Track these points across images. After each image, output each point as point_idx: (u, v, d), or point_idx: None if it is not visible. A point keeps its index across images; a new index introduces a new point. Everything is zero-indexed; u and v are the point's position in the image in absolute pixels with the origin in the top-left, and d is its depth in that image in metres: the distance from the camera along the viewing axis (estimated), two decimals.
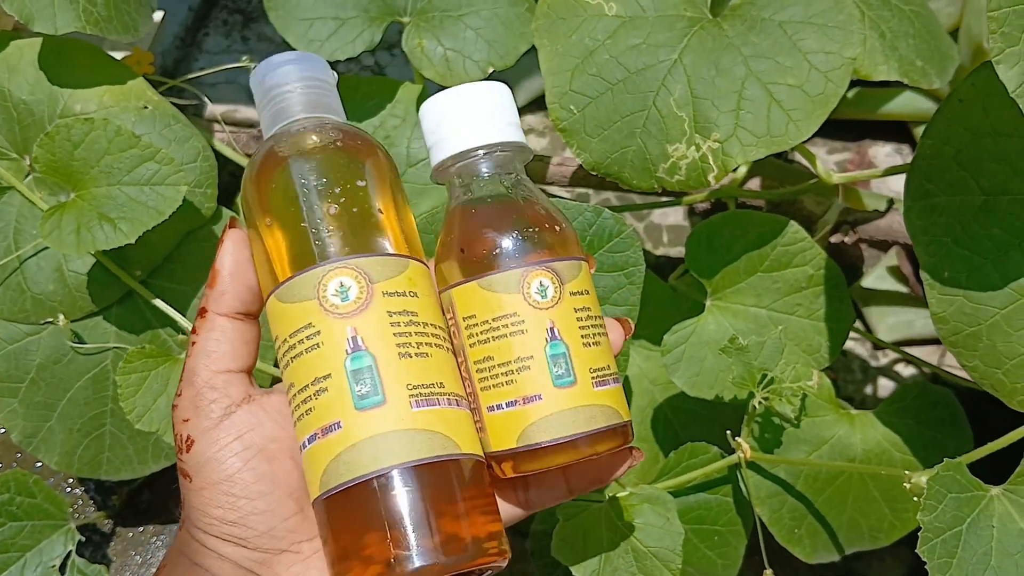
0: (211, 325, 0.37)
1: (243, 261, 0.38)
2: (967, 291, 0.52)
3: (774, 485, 0.64)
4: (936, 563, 0.44)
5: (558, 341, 0.36)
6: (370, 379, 0.34)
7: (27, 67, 0.65)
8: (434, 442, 0.34)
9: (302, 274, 0.35)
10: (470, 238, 0.37)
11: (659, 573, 0.56)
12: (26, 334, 0.67)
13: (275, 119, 0.38)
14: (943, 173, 0.53)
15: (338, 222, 0.36)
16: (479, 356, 0.36)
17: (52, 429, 0.68)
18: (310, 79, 0.38)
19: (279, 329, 0.36)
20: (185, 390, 0.37)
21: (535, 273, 0.36)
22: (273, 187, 0.36)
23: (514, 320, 0.36)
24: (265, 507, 0.36)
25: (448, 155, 0.38)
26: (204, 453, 0.36)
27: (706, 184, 0.56)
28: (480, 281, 0.36)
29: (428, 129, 0.39)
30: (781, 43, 0.56)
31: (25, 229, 0.65)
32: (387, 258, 0.36)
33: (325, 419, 0.34)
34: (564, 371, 0.36)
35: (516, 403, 0.36)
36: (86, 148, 0.59)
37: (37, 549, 0.68)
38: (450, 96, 0.38)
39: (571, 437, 0.36)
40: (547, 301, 0.36)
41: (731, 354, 0.58)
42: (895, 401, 0.67)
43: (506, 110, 0.39)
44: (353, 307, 0.35)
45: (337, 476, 0.34)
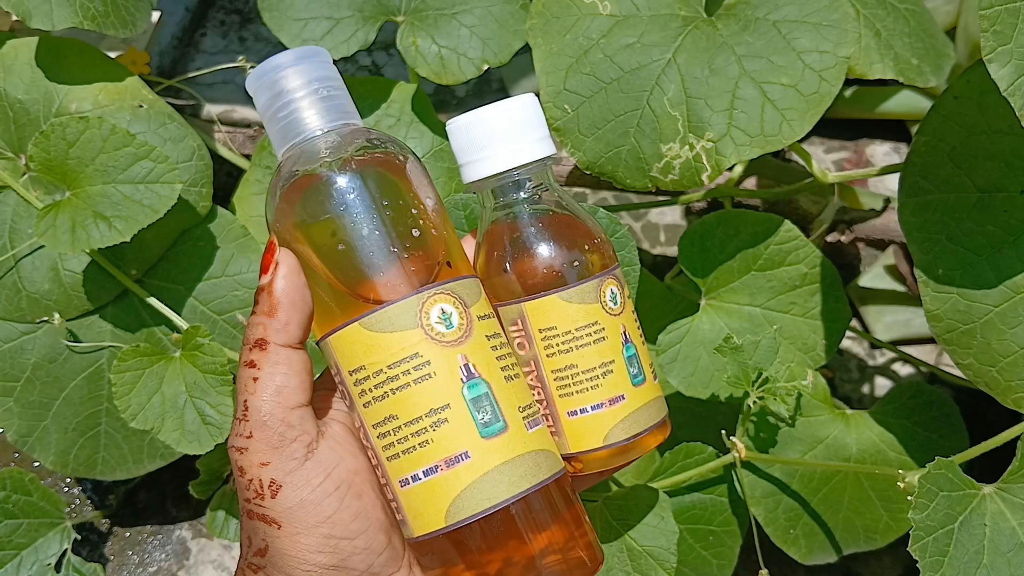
0: (276, 358, 0.35)
1: (302, 287, 0.35)
2: (961, 288, 0.52)
3: (769, 485, 0.64)
4: (928, 561, 0.44)
5: (630, 344, 0.39)
6: (489, 406, 0.34)
7: (23, 66, 0.65)
8: (551, 460, 0.35)
9: (398, 302, 0.34)
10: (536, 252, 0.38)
11: (654, 572, 0.56)
12: (21, 333, 0.67)
13: (293, 131, 0.35)
14: (937, 170, 0.53)
15: (421, 244, 0.35)
16: (560, 365, 0.38)
17: (47, 428, 0.68)
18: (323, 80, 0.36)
19: (368, 359, 0.34)
20: (257, 431, 0.35)
21: (608, 282, 0.38)
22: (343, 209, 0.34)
23: (596, 329, 0.38)
24: (364, 545, 0.35)
25: (484, 176, 0.38)
26: (295, 496, 0.34)
27: (700, 183, 0.56)
28: (561, 294, 0.37)
29: (459, 148, 0.39)
30: (775, 42, 0.56)
31: (21, 228, 0.65)
32: (470, 280, 0.36)
33: (449, 451, 0.34)
34: (637, 370, 0.39)
35: (602, 406, 0.38)
36: (81, 147, 0.60)
37: (33, 547, 0.68)
38: (479, 115, 0.38)
39: (647, 430, 0.39)
40: (618, 307, 0.39)
41: (726, 353, 0.58)
42: (890, 401, 0.67)
43: (539, 124, 0.39)
44: (459, 334, 0.34)
45: (473, 506, 0.34)
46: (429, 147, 0.69)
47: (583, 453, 0.38)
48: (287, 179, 0.35)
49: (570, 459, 0.39)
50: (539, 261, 0.38)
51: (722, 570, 0.66)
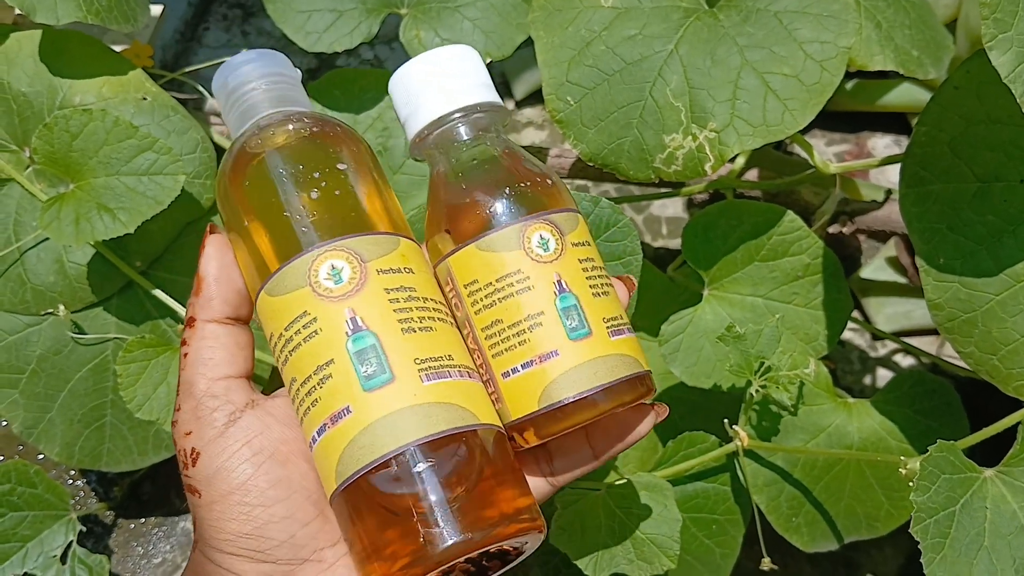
0: (202, 333, 0.36)
1: (228, 265, 0.36)
2: (962, 277, 0.52)
3: (771, 473, 0.64)
4: (929, 543, 0.45)
5: (567, 293, 0.35)
6: (375, 358, 0.32)
7: (26, 59, 0.65)
8: (451, 414, 0.33)
9: (290, 263, 0.34)
10: (460, 202, 0.36)
11: (657, 560, 0.56)
12: (27, 325, 0.67)
13: (242, 119, 0.37)
14: (937, 160, 0.53)
15: (321, 206, 0.35)
16: (486, 321, 0.35)
17: (52, 420, 0.68)
18: (273, 75, 0.38)
19: (273, 325, 0.34)
20: (184, 403, 0.35)
21: (534, 226, 0.35)
22: (249, 183, 0.36)
23: (519, 277, 0.34)
24: (283, 513, 0.34)
25: (423, 124, 0.37)
26: (212, 464, 0.34)
27: (703, 174, 0.56)
28: (478, 243, 0.35)
29: (399, 103, 0.38)
30: (776, 33, 0.56)
31: (25, 221, 0.65)
32: (377, 236, 0.35)
33: (333, 406, 0.32)
34: (578, 323, 0.34)
35: (532, 363, 0.34)
36: (84, 139, 0.60)
37: (38, 539, 0.69)
38: (416, 64, 0.37)
39: (594, 389, 0.34)
40: (550, 254, 0.35)
41: (728, 342, 0.59)
42: (892, 390, 0.67)
43: (476, 72, 0.38)
44: (348, 288, 0.33)
45: (354, 462, 0.32)
46: None
47: (524, 419, 0.35)
48: (227, 158, 0.37)
49: (518, 430, 0.35)
50: (462, 211, 0.36)
51: (725, 559, 0.66)
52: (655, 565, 0.57)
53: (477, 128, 0.37)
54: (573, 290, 0.35)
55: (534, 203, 0.36)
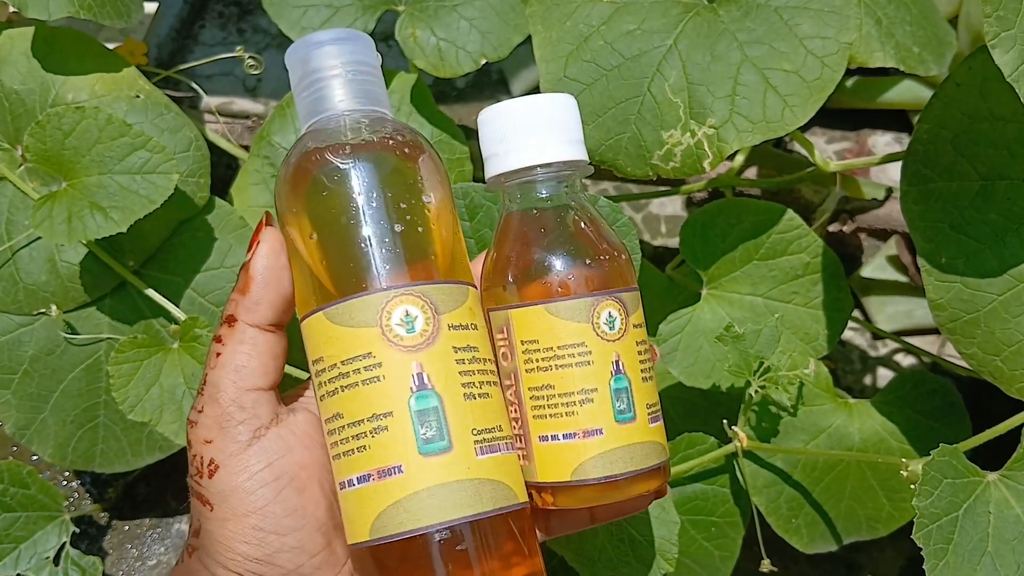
0: (241, 336, 0.34)
1: (280, 267, 0.34)
2: (964, 277, 0.52)
3: (771, 474, 0.64)
4: (932, 549, 0.44)
5: (622, 375, 0.35)
6: (436, 422, 0.32)
7: (19, 57, 0.65)
8: (497, 493, 0.33)
9: (362, 296, 0.32)
10: (536, 259, 0.35)
11: (655, 563, 0.56)
12: (19, 325, 0.67)
13: (317, 108, 0.34)
14: (940, 158, 0.53)
15: (404, 242, 0.33)
16: (536, 383, 0.35)
17: (45, 421, 0.68)
18: (361, 64, 0.35)
19: (326, 351, 0.33)
20: (208, 407, 0.34)
21: (605, 304, 0.35)
22: (328, 194, 0.33)
23: (581, 351, 0.34)
24: (295, 544, 0.33)
25: (507, 170, 0.36)
26: (230, 481, 0.33)
27: (701, 171, 0.55)
28: (548, 307, 0.35)
29: (487, 138, 0.37)
30: (777, 29, 0.55)
31: (17, 219, 0.64)
32: (452, 286, 0.34)
33: (383, 461, 0.32)
34: (626, 406, 0.35)
35: (575, 436, 0.34)
36: (77, 137, 0.59)
37: (31, 540, 0.68)
38: (515, 105, 0.36)
39: (628, 474, 0.35)
40: (614, 333, 0.35)
41: (727, 342, 0.58)
42: (893, 390, 0.66)
43: (571, 127, 0.37)
44: (419, 340, 0.32)
45: (395, 524, 0.32)
46: (428, 138, 0.69)
47: (550, 485, 0.35)
48: (296, 154, 0.34)
49: (538, 490, 0.36)
50: (535, 268, 0.35)
51: (724, 561, 0.66)
52: (653, 568, 0.56)
53: (561, 184, 0.37)
54: (628, 373, 0.35)
55: (608, 279, 0.36)
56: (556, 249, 0.35)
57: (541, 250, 0.35)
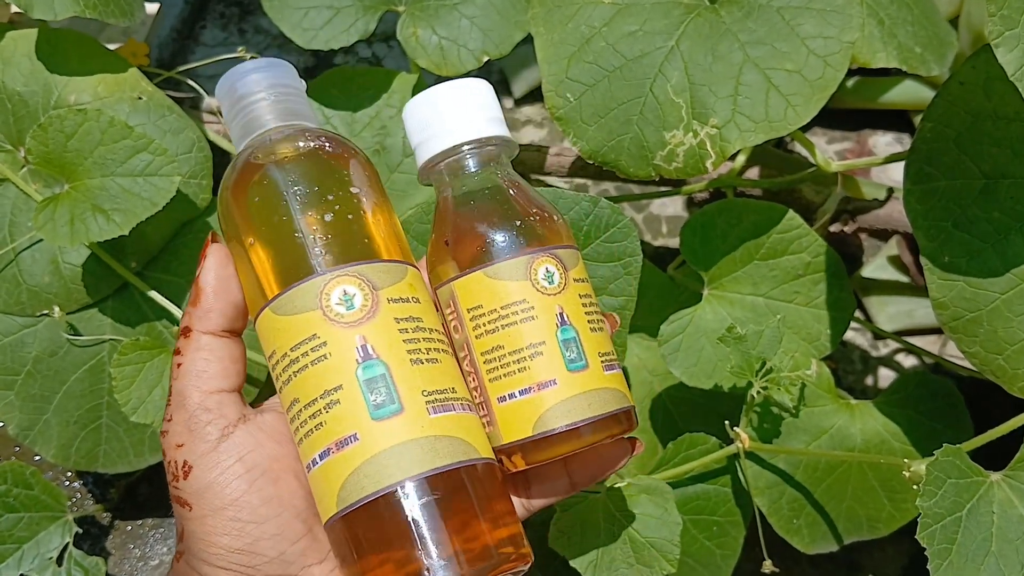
0: (197, 344, 0.36)
1: (227, 277, 0.36)
2: (967, 276, 0.52)
3: (773, 475, 0.64)
4: (936, 549, 0.44)
5: (568, 326, 0.36)
6: (385, 387, 0.33)
7: (22, 58, 0.65)
8: (455, 448, 0.33)
9: (301, 284, 0.34)
10: (470, 229, 0.37)
11: (657, 564, 0.56)
12: (22, 326, 0.67)
13: (248, 129, 0.37)
14: (943, 157, 0.53)
15: (334, 229, 0.35)
16: (487, 346, 0.36)
17: (48, 422, 0.68)
18: (282, 86, 0.37)
19: (276, 343, 0.34)
20: (176, 414, 0.35)
21: (541, 259, 0.36)
22: (258, 199, 0.35)
23: (524, 307, 0.36)
24: (274, 531, 0.34)
25: (434, 153, 0.38)
26: (204, 478, 0.34)
27: (704, 171, 0.55)
28: (486, 270, 0.36)
29: (412, 129, 0.39)
30: (779, 28, 0.55)
31: (20, 221, 0.64)
32: (388, 264, 0.35)
33: (339, 432, 0.33)
34: (576, 355, 0.36)
35: (530, 390, 0.35)
36: (79, 139, 0.59)
37: (34, 541, 0.68)
38: (431, 95, 0.38)
39: (588, 420, 0.35)
40: (554, 287, 0.36)
41: (729, 343, 0.58)
42: (895, 391, 0.66)
43: (489, 105, 0.38)
44: (359, 315, 0.33)
45: (359, 490, 0.32)
46: None
47: (515, 444, 0.36)
48: (229, 171, 0.36)
49: (507, 453, 0.36)
50: (469, 238, 0.37)
51: (725, 561, 0.66)
52: (655, 569, 0.56)
53: (487, 160, 0.38)
54: (574, 323, 0.36)
55: (541, 237, 0.37)
56: (487, 216, 0.37)
57: (473, 220, 0.37)
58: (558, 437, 0.35)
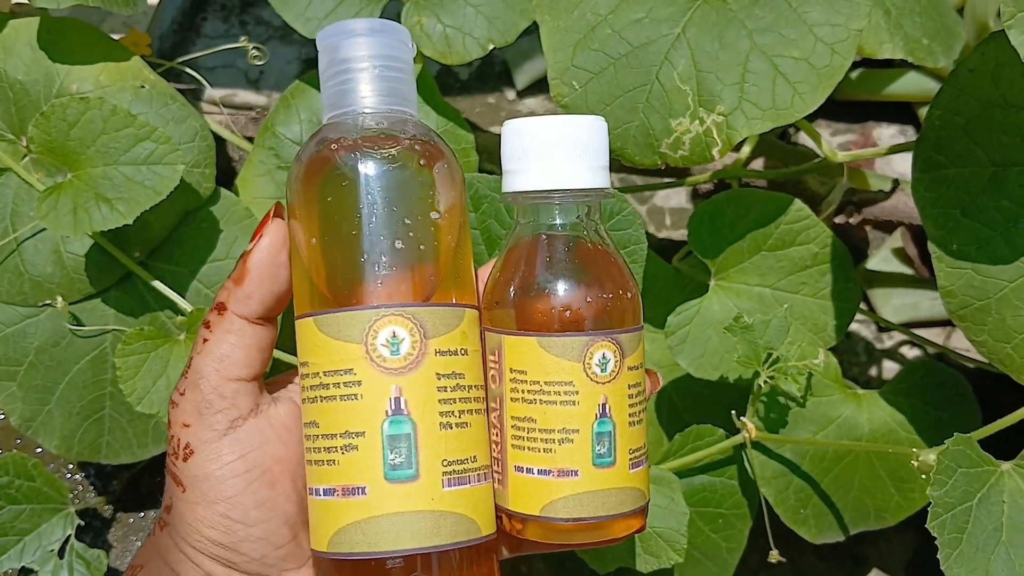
0: (229, 326, 0.34)
1: (279, 264, 0.34)
2: (976, 264, 0.51)
3: (779, 465, 0.63)
4: (946, 539, 0.44)
5: (607, 419, 0.34)
6: (406, 449, 0.32)
7: (23, 47, 0.64)
8: (459, 527, 0.33)
9: (351, 311, 0.32)
10: (538, 285, 0.35)
11: (664, 554, 0.56)
12: (24, 316, 0.66)
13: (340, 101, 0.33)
14: (952, 144, 0.52)
15: (402, 259, 0.32)
16: (520, 413, 0.34)
17: (51, 413, 0.67)
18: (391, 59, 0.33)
19: (312, 358, 0.33)
20: (189, 391, 0.35)
21: (600, 344, 0.34)
22: (331, 198, 0.32)
23: (568, 390, 0.34)
24: (260, 535, 0.34)
25: (522, 190, 0.35)
26: (203, 467, 0.34)
27: (710, 159, 0.55)
28: (541, 340, 0.34)
29: (509, 153, 0.35)
30: (786, 16, 0.55)
31: (22, 211, 0.64)
32: (446, 309, 0.33)
33: (349, 479, 0.32)
34: (606, 451, 0.34)
35: (549, 473, 0.34)
36: (82, 128, 0.59)
37: (36, 533, 0.68)
38: (541, 124, 0.35)
39: (597, 519, 0.34)
40: (606, 375, 0.34)
41: (736, 333, 0.58)
42: (902, 381, 0.66)
43: (598, 150, 0.35)
44: (402, 364, 0.32)
45: (352, 544, 0.32)
46: (438, 132, 0.68)
47: (520, 515, 0.35)
48: (311, 149, 0.34)
49: (510, 516, 0.35)
50: (533, 296, 0.34)
51: (731, 552, 0.65)
52: (662, 559, 0.56)
53: (577, 212, 0.36)
54: (614, 417, 0.34)
55: (608, 319, 0.35)
56: (559, 279, 0.35)
57: (544, 278, 0.35)
58: (562, 526, 0.34)
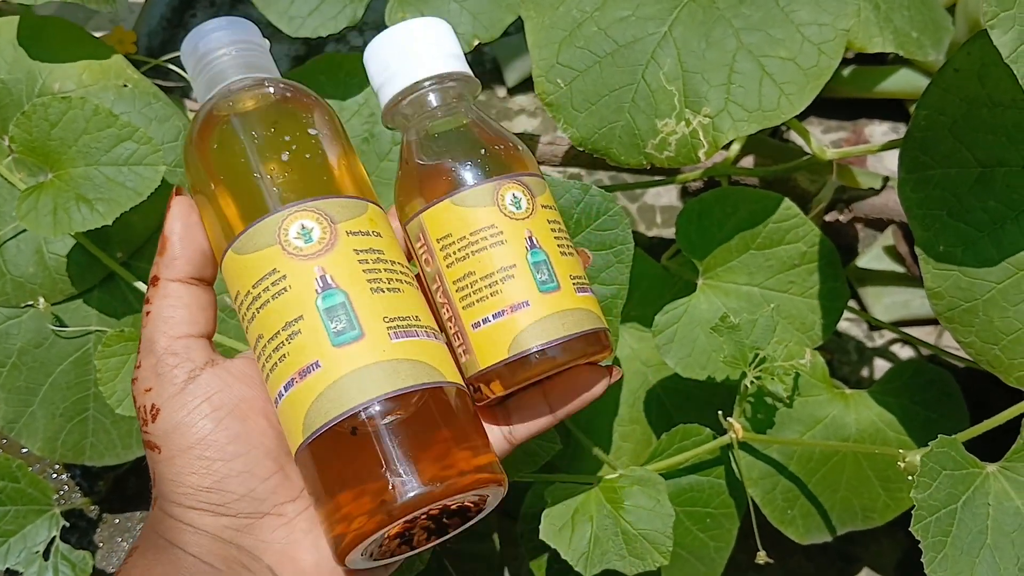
0: (164, 292, 0.36)
1: (192, 225, 0.37)
2: (963, 266, 0.51)
3: (767, 466, 0.63)
4: (930, 542, 0.43)
5: (538, 249, 0.36)
6: (345, 315, 0.33)
7: (5, 46, 0.64)
8: (418, 370, 0.34)
9: (259, 222, 0.34)
10: (434, 164, 0.37)
11: (649, 556, 0.55)
12: (6, 317, 0.66)
13: (210, 84, 0.38)
14: (938, 145, 0.52)
15: (291, 168, 0.35)
16: (459, 273, 0.36)
17: (34, 414, 0.67)
18: (242, 42, 0.38)
19: (239, 283, 0.35)
20: (144, 359, 0.36)
21: (508, 186, 0.37)
22: (217, 146, 0.36)
23: (492, 232, 0.36)
24: (242, 468, 0.35)
25: (396, 91, 0.38)
26: (171, 419, 0.35)
27: (696, 160, 0.54)
28: (453, 198, 0.36)
29: (373, 72, 0.39)
30: (773, 15, 0.54)
31: (4, 211, 0.63)
32: (347, 200, 0.36)
33: (301, 361, 0.33)
34: (547, 276, 0.36)
35: (503, 313, 0.36)
36: (63, 127, 0.58)
37: (21, 534, 0.67)
38: (389, 35, 0.38)
39: (563, 338, 0.36)
40: (522, 212, 0.37)
41: (723, 333, 0.57)
42: (890, 380, 0.66)
43: (447, 43, 0.39)
44: (318, 247, 0.34)
45: (322, 415, 0.33)
46: None
47: (491, 369, 0.36)
48: (192, 122, 0.37)
49: (484, 380, 0.36)
50: (436, 170, 0.37)
51: (719, 552, 0.65)
52: (647, 561, 0.56)
53: (449, 96, 0.39)
54: (543, 247, 0.37)
55: (506, 165, 0.38)
56: (453, 148, 0.37)
57: (439, 153, 0.37)
58: (534, 357, 0.36)
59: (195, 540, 0.34)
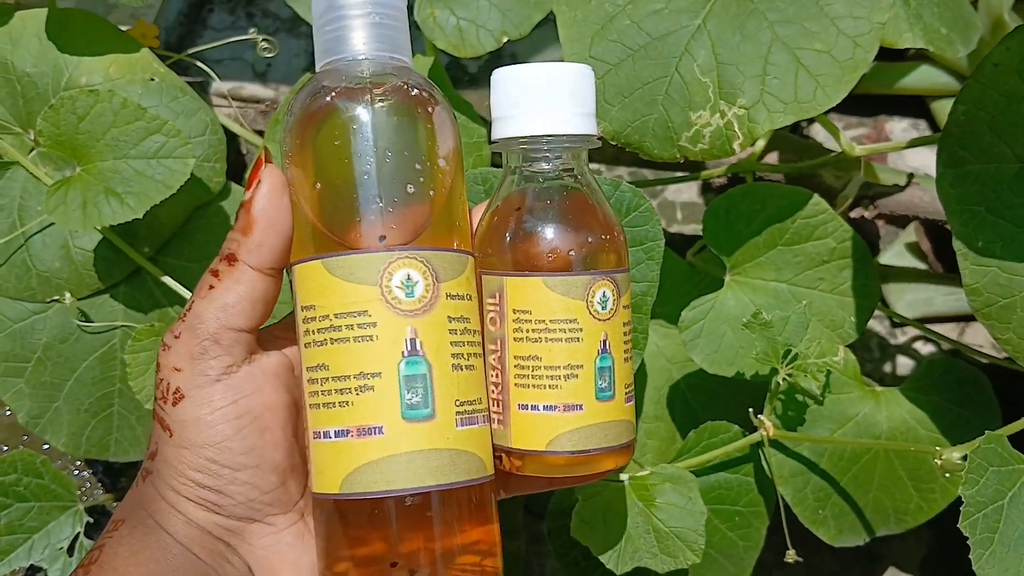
0: (239, 276, 0.34)
1: (282, 210, 0.33)
2: (1001, 261, 0.51)
3: (797, 464, 0.63)
4: (978, 538, 0.43)
5: (607, 355, 0.36)
6: (422, 388, 0.32)
7: (31, 39, 0.63)
8: (471, 465, 0.33)
9: (365, 253, 0.32)
10: (538, 231, 0.35)
11: (681, 554, 0.55)
12: (32, 312, 0.65)
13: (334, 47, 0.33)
14: (977, 140, 0.51)
15: (415, 203, 0.32)
16: (524, 352, 0.35)
17: (59, 410, 0.66)
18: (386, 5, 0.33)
19: (320, 300, 0.32)
20: (185, 334, 0.34)
21: (601, 283, 0.35)
22: (340, 143, 0.32)
23: (572, 327, 0.35)
24: (247, 479, 0.34)
25: (511, 136, 0.36)
26: (193, 412, 0.33)
27: (731, 153, 0.54)
28: (546, 279, 0.35)
29: (499, 100, 0.36)
30: (808, 8, 0.54)
31: (30, 205, 0.63)
32: (454, 255, 0.34)
33: (366, 419, 0.32)
34: (607, 385, 0.36)
35: (555, 408, 0.35)
36: (91, 121, 0.58)
37: (45, 531, 0.67)
38: (530, 71, 0.35)
39: (600, 450, 0.36)
40: (606, 313, 0.35)
41: (755, 329, 0.57)
42: (921, 378, 0.65)
43: (585, 98, 0.36)
44: (417, 306, 0.32)
45: (369, 483, 0.32)
46: None
47: (523, 452, 0.35)
48: (309, 93, 0.33)
49: (511, 454, 0.36)
50: (535, 239, 0.35)
51: (748, 551, 0.65)
52: (679, 559, 0.55)
53: (569, 156, 0.36)
54: (613, 353, 0.36)
55: (606, 259, 0.36)
56: (560, 223, 0.35)
57: (544, 222, 0.36)
58: (565, 459, 0.35)
59: (185, 530, 0.34)
